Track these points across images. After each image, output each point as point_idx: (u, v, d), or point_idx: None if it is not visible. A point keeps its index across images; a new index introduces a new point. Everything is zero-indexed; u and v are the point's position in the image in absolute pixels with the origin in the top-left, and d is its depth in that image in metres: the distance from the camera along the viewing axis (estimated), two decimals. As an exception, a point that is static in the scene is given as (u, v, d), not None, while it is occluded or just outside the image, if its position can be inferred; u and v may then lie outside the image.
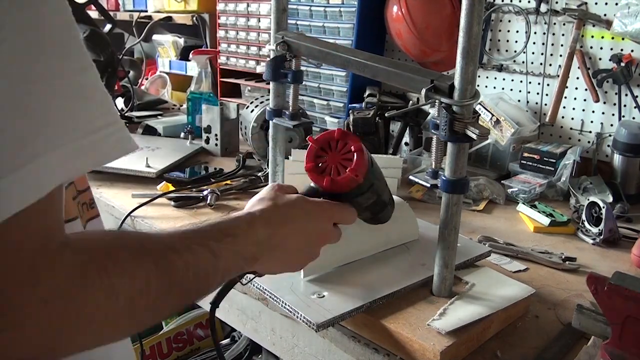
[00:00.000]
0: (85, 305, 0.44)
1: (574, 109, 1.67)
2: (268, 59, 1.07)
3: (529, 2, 1.70)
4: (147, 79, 2.90)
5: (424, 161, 1.59)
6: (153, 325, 0.52)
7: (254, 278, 0.77)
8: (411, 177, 0.91)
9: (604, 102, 1.61)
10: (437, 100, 0.79)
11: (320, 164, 0.75)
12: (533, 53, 1.72)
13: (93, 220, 0.72)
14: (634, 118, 1.56)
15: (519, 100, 1.76)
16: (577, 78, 1.64)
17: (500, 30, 1.79)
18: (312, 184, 0.77)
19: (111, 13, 2.32)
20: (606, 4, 1.56)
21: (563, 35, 1.65)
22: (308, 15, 2.04)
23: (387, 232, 1.01)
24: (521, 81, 1.76)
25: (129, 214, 1.25)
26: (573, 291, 0.99)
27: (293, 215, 0.71)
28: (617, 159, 1.52)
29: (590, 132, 1.64)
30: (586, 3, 1.59)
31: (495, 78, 1.82)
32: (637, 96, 1.54)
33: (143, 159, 1.52)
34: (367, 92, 1.87)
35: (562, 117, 1.69)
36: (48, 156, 0.41)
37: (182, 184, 1.44)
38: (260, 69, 2.30)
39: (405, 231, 1.04)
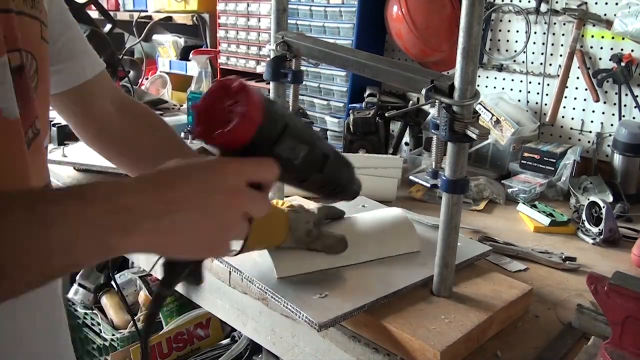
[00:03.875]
0: None
1: (574, 108, 1.67)
2: (268, 59, 1.07)
3: (529, 2, 1.70)
4: (147, 79, 2.89)
5: (424, 161, 1.59)
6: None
7: (158, 260, 0.60)
8: (411, 177, 0.91)
9: (604, 102, 1.61)
10: (437, 100, 0.79)
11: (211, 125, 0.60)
12: (533, 53, 1.72)
13: None
14: (634, 118, 1.56)
15: (519, 100, 1.76)
16: (577, 78, 1.64)
17: (500, 30, 1.79)
18: (212, 153, 0.65)
19: (111, 13, 2.32)
20: (606, 3, 1.56)
21: (563, 35, 1.65)
22: (308, 15, 2.04)
23: (388, 248, 0.98)
24: (521, 81, 1.76)
25: (129, 214, 1.25)
26: (573, 291, 0.99)
27: (188, 173, 0.56)
28: (617, 158, 1.52)
29: (590, 132, 1.64)
30: (586, 3, 1.59)
31: (495, 78, 1.82)
32: (637, 96, 1.54)
33: (143, 159, 1.52)
34: (367, 92, 1.87)
35: (562, 117, 1.69)
36: None
37: (182, 184, 1.44)
38: (260, 69, 2.30)
39: (407, 246, 1.00)
